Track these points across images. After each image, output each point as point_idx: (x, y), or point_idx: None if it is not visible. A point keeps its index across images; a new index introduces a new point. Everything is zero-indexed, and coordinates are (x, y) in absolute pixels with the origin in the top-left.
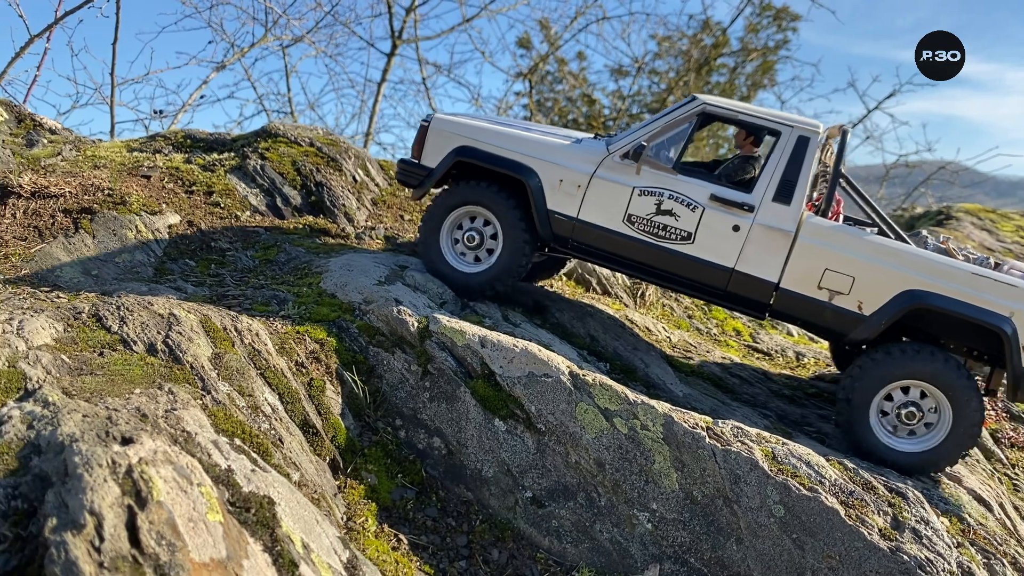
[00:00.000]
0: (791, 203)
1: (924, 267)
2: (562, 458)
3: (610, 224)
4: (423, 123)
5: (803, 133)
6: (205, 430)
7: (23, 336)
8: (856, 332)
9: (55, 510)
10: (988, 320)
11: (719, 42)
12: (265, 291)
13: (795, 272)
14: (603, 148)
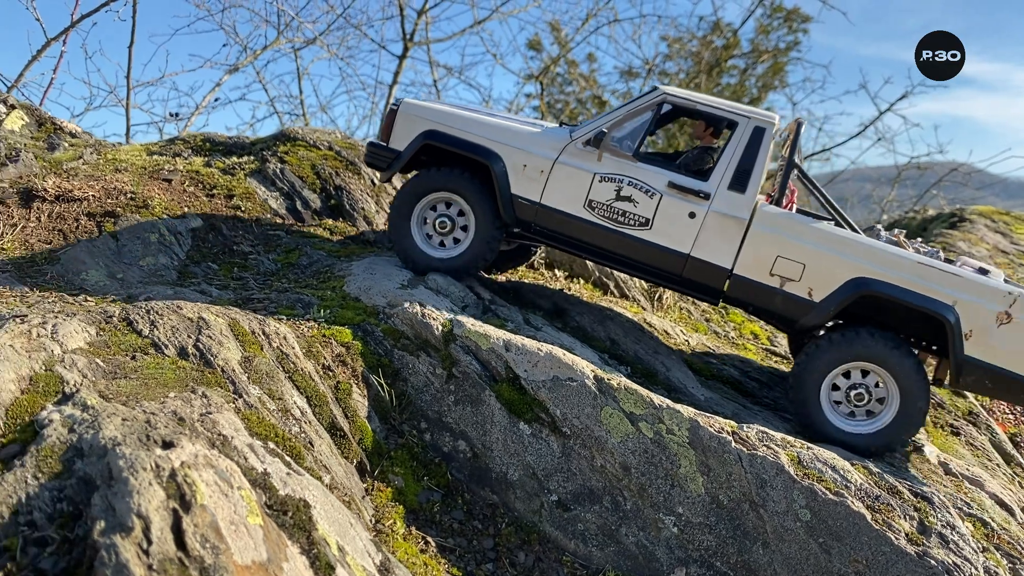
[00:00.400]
0: (746, 191)
1: (872, 256)
2: (587, 462)
3: (571, 209)
4: (392, 107)
5: (759, 124)
6: (240, 434)
7: (57, 340)
8: (806, 318)
9: (103, 513)
10: (932, 308)
11: (730, 44)
12: (289, 294)
13: (748, 258)
14: (566, 135)
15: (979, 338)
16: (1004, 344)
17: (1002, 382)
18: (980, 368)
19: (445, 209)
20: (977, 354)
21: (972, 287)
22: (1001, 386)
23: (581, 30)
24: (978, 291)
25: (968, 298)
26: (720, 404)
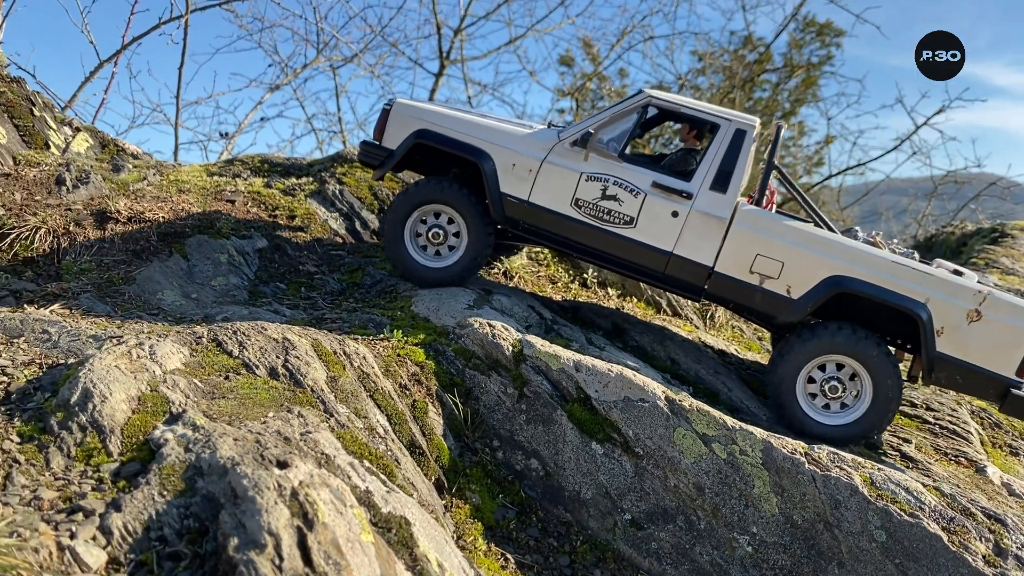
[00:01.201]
0: (727, 191)
1: (849, 254)
2: (660, 482)
3: (559, 207)
4: (385, 107)
5: (740, 126)
6: (340, 453)
7: (156, 360)
8: (784, 315)
9: (234, 530)
10: (905, 305)
11: (762, 58)
12: (360, 314)
13: (729, 257)
14: (555, 136)
15: (950, 335)
16: (974, 341)
17: (972, 378)
18: (951, 364)
19: (436, 220)
20: (948, 350)
21: (944, 286)
22: (971, 381)
23: (616, 47)
24: (950, 289)
25: (940, 296)
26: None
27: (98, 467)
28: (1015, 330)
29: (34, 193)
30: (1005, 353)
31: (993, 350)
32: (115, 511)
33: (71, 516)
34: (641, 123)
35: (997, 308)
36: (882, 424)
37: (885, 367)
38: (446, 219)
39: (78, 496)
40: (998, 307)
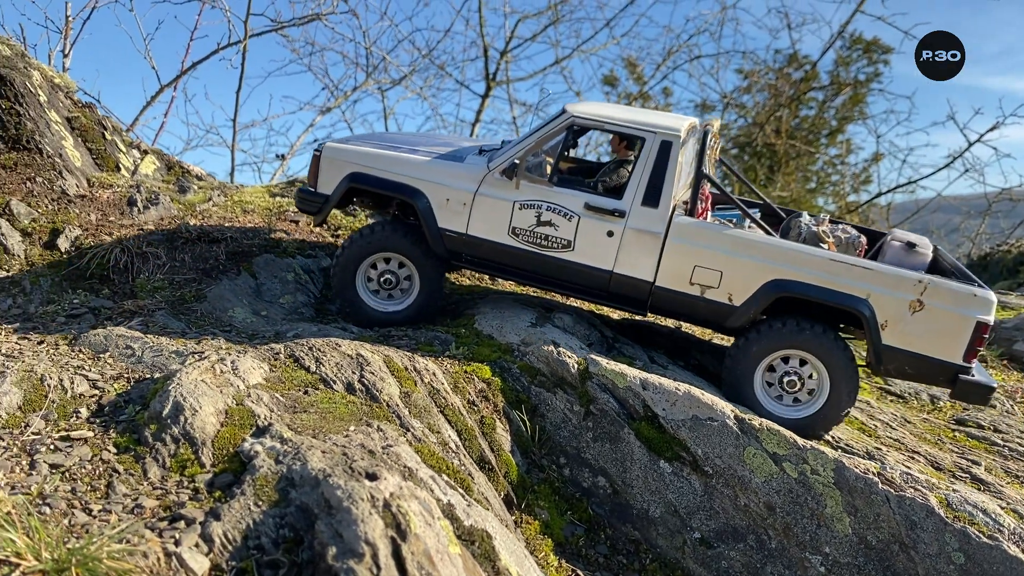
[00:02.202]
0: (659, 206)
1: (785, 257)
2: (731, 501)
3: (497, 237)
4: (315, 152)
5: (665, 138)
6: (421, 466)
7: (239, 375)
8: (730, 322)
9: (332, 540)
10: (846, 303)
11: (808, 76)
12: (425, 331)
13: (668, 270)
14: (484, 166)
15: (895, 327)
16: (919, 330)
17: (921, 366)
18: (899, 355)
19: (386, 265)
20: (894, 342)
21: (884, 279)
22: (921, 370)
23: (662, 67)
24: (890, 282)
25: (881, 290)
26: (848, 444)
27: (193, 477)
28: (958, 316)
29: (108, 214)
30: (950, 340)
31: (938, 338)
32: (214, 520)
33: (173, 524)
34: (568, 142)
35: (939, 296)
36: (839, 415)
37: (840, 359)
38: (396, 264)
39: (177, 505)
40: (939, 295)
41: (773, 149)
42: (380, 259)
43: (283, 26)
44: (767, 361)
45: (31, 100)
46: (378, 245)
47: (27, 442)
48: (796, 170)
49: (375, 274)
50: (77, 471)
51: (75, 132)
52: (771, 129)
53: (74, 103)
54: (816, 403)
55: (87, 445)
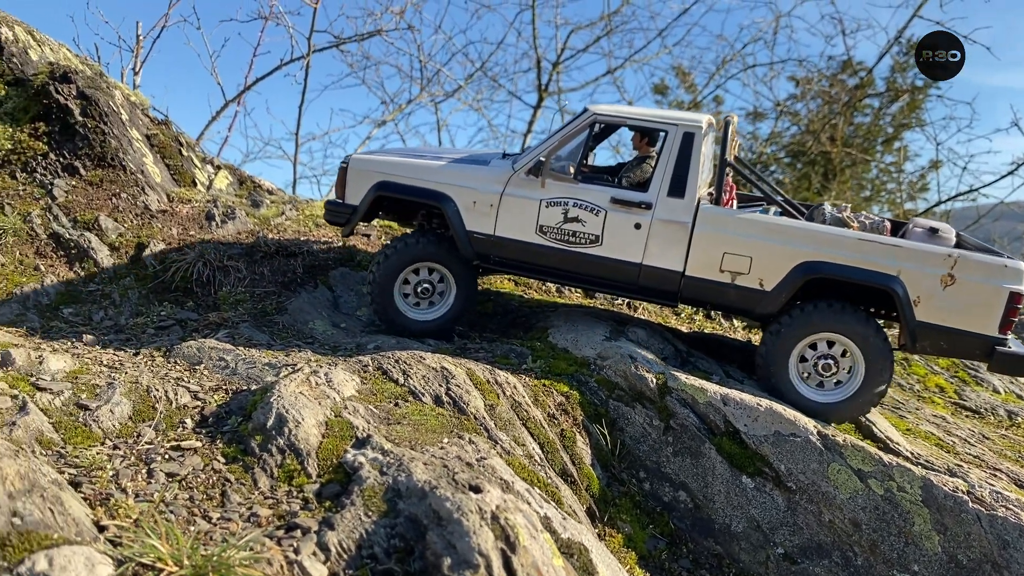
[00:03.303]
0: (685, 196)
1: (814, 239)
2: (815, 517)
3: (524, 237)
4: (342, 165)
5: (687, 130)
6: (516, 479)
7: (334, 387)
8: (761, 307)
9: (445, 551)
10: (878, 281)
11: (863, 83)
12: (500, 344)
13: (697, 259)
14: (509, 167)
15: (927, 303)
16: (952, 305)
17: (957, 341)
18: (933, 331)
19: (419, 276)
20: (928, 318)
21: (914, 255)
22: (956, 345)
23: (716, 76)
24: (920, 258)
25: (911, 266)
26: (928, 461)
27: (301, 487)
28: (990, 288)
29: (188, 228)
30: (984, 312)
31: (972, 311)
32: (328, 529)
33: (290, 533)
34: (591, 140)
35: (969, 269)
36: (876, 398)
37: (873, 339)
38: (432, 273)
39: (290, 514)
40: (970, 268)
41: (828, 157)
42: (413, 270)
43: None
44: (801, 346)
45: (115, 119)
46: (415, 255)
47: (142, 451)
48: (851, 178)
49: (409, 287)
50: (192, 480)
51: (154, 149)
52: (826, 137)
53: (151, 120)
54: (851, 386)
55: (197, 455)
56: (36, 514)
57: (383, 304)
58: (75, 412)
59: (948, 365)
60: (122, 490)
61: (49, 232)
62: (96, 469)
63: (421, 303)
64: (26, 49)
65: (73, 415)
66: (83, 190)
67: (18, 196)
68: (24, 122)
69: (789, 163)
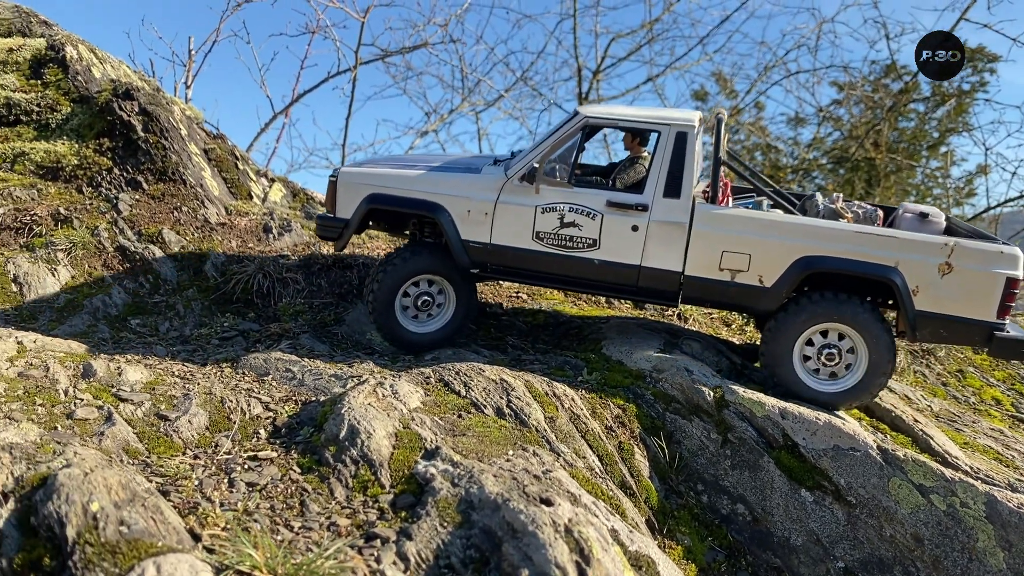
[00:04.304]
0: (680, 196)
1: (811, 234)
2: (875, 531)
3: (521, 243)
4: (331, 178)
5: (680, 129)
6: (583, 492)
7: (400, 399)
8: (763, 304)
9: (522, 563)
10: (877, 273)
11: (908, 87)
12: (555, 356)
13: (696, 259)
14: (502, 174)
15: (926, 292)
16: (950, 292)
17: (956, 328)
18: (933, 319)
19: (419, 288)
20: (927, 307)
21: (911, 246)
22: (956, 332)
23: (759, 82)
24: (917, 248)
25: (909, 257)
26: (988, 475)
27: (376, 497)
28: (987, 274)
29: (246, 240)
30: (982, 299)
31: (970, 297)
32: (407, 539)
33: (369, 542)
34: (583, 143)
35: (966, 257)
36: (880, 383)
37: (875, 327)
38: (431, 285)
39: (368, 524)
40: (967, 256)
41: (872, 163)
42: (413, 283)
43: (391, 54)
44: (805, 336)
45: (174, 134)
46: (415, 268)
47: (222, 461)
48: (896, 184)
49: (409, 300)
50: (272, 490)
51: (211, 163)
52: (870, 143)
53: (207, 135)
54: (855, 376)
55: (274, 465)
56: (141, 523)
57: (385, 318)
58: (156, 422)
59: (1004, 378)
60: (207, 499)
61: (116, 245)
62: (181, 478)
63: (420, 315)
64: (89, 67)
65: (154, 425)
66: (146, 204)
67: (85, 210)
68: (89, 138)
69: (831, 169)
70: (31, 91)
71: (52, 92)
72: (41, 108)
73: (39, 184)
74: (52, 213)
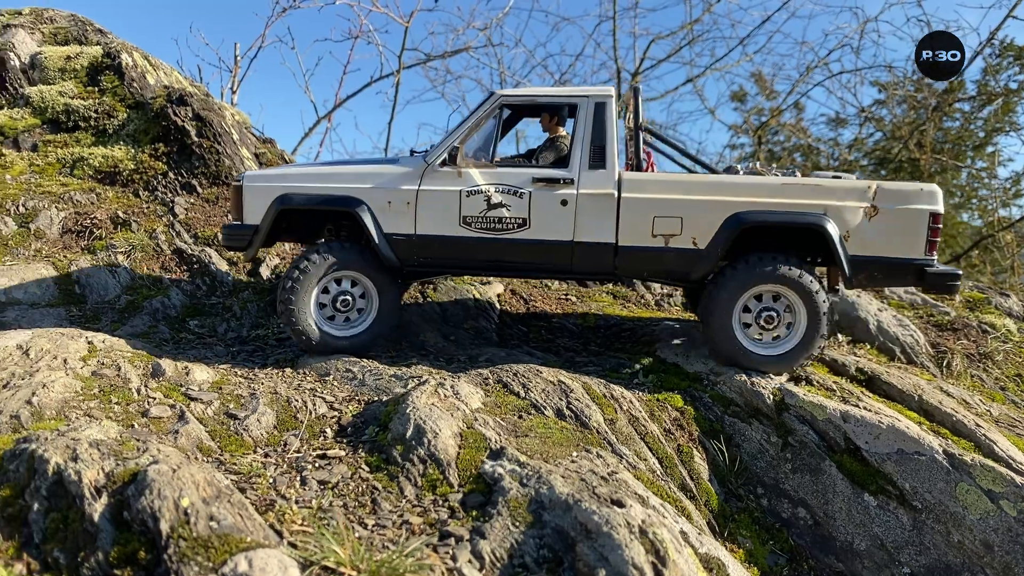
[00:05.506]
0: (606, 166)
1: (740, 190)
2: (942, 537)
3: (448, 231)
4: (235, 183)
5: (599, 100)
6: (650, 494)
7: (462, 400)
8: (699, 268)
9: (599, 563)
10: (807, 221)
11: (953, 86)
12: (608, 358)
13: (628, 227)
14: (421, 161)
15: (856, 236)
16: (879, 235)
17: (889, 269)
18: (866, 263)
19: (343, 286)
20: (859, 251)
21: (835, 192)
22: (889, 273)
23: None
24: (842, 194)
25: (835, 203)
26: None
27: (445, 496)
28: (912, 211)
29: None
30: (910, 236)
31: (898, 237)
32: (480, 538)
33: (444, 540)
34: (503, 124)
35: (889, 197)
36: (817, 347)
37: (809, 285)
38: (350, 283)
39: (440, 523)
40: (890, 196)
41: (916, 163)
42: (332, 281)
43: (433, 58)
44: (741, 302)
45: (227, 138)
46: (333, 265)
47: (292, 460)
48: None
49: (328, 298)
50: (343, 488)
51: (262, 167)
52: (914, 143)
53: (257, 139)
54: (796, 335)
55: (343, 463)
56: (229, 518)
57: (297, 320)
58: (226, 421)
59: None
60: (282, 496)
61: (173, 248)
62: (255, 476)
63: (338, 317)
64: (144, 74)
65: (224, 424)
66: (200, 207)
67: (143, 214)
68: (145, 143)
69: (873, 170)
70: (89, 98)
71: (109, 98)
72: (98, 114)
73: (98, 188)
74: (111, 216)
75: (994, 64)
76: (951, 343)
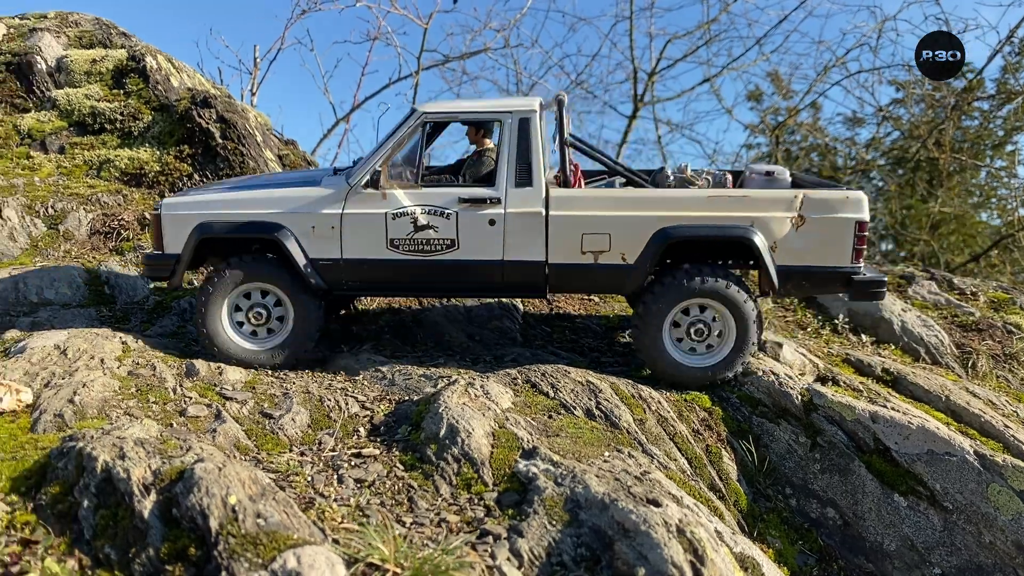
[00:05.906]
0: (533, 183)
1: (666, 204)
2: (974, 538)
3: (376, 255)
4: (153, 212)
5: (523, 116)
6: (684, 494)
7: (492, 400)
8: (630, 283)
9: (638, 561)
10: (734, 234)
11: (972, 85)
12: (634, 358)
13: (557, 245)
14: (344, 183)
15: (784, 246)
16: (806, 244)
17: (816, 278)
18: (793, 273)
19: (260, 298)
20: (786, 261)
21: (762, 203)
22: (816, 282)
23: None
24: (769, 205)
25: (762, 214)
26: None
27: (480, 495)
28: (838, 220)
29: None
30: (836, 245)
31: (825, 246)
32: (518, 536)
33: (482, 539)
34: (427, 140)
35: (816, 206)
36: (751, 348)
37: (736, 295)
38: (265, 296)
39: (476, 521)
40: (816, 205)
41: (934, 163)
42: (250, 291)
43: (452, 60)
44: (670, 318)
45: (250, 140)
46: (246, 276)
47: (328, 458)
48: (959, 184)
49: (243, 315)
50: (380, 486)
51: (285, 168)
52: (932, 142)
53: (280, 141)
54: (727, 344)
55: (378, 462)
56: (276, 516)
57: (211, 334)
58: (261, 420)
59: None
60: (321, 494)
61: None
62: (292, 474)
63: (258, 331)
64: (168, 76)
65: (260, 423)
66: None
67: None
68: (170, 145)
69: (891, 169)
70: (114, 100)
71: (134, 101)
72: (124, 116)
73: (124, 190)
74: (138, 218)
75: (1014, 62)
76: (976, 343)
